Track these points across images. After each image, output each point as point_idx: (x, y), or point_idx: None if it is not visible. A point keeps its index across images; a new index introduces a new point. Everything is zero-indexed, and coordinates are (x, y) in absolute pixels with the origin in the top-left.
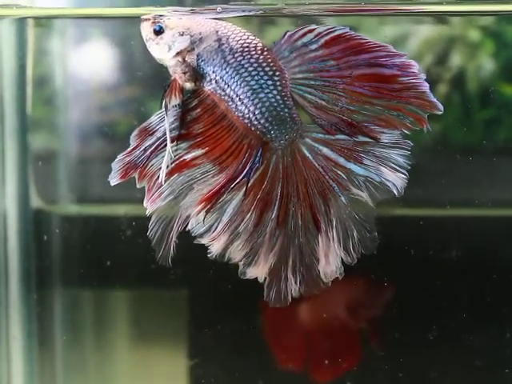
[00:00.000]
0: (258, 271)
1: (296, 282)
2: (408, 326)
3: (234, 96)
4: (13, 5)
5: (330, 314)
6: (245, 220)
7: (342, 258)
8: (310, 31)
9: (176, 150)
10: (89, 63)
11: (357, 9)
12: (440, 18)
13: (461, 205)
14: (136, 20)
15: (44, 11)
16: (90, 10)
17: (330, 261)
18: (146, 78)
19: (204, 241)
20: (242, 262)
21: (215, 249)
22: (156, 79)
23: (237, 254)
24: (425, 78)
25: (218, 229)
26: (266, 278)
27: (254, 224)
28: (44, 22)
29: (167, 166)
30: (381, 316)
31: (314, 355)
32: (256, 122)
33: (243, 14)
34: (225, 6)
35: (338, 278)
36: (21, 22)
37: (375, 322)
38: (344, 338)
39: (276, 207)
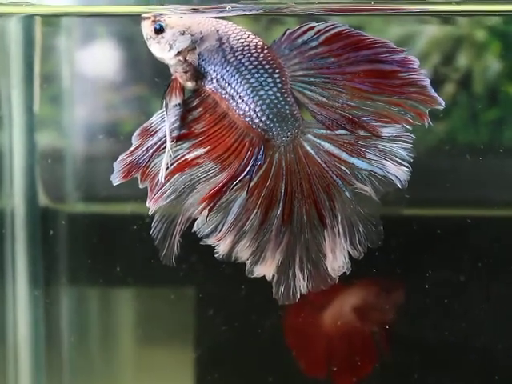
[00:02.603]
0: (266, 269)
1: (304, 279)
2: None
3: (235, 94)
4: (22, 2)
5: (350, 319)
6: (250, 218)
7: (349, 253)
8: (310, 29)
9: (178, 150)
10: (96, 61)
11: (363, 8)
12: (446, 18)
13: (468, 205)
14: (140, 18)
15: (52, 9)
16: (97, 8)
17: (337, 256)
18: (153, 77)
19: (210, 241)
20: (249, 261)
21: (222, 249)
22: (163, 78)
23: (244, 252)
24: (425, 73)
25: (224, 228)
26: (273, 276)
27: (260, 222)
28: (51, 19)
29: (167, 166)
30: (392, 319)
31: (335, 362)
32: (257, 120)
33: (245, 13)
34: (234, 4)
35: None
36: (28, 19)
37: (386, 326)
38: (363, 343)
39: (281, 204)
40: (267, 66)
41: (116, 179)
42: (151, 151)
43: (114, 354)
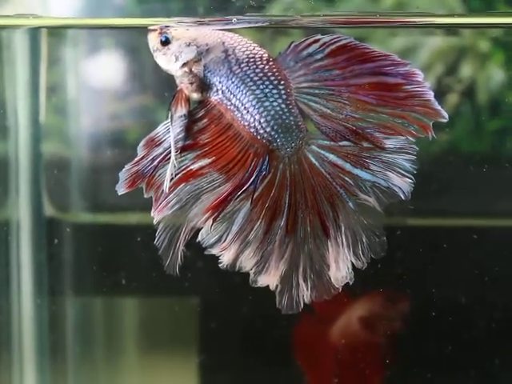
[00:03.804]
0: (270, 279)
1: (307, 289)
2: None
3: (240, 105)
4: (29, 14)
5: (357, 332)
6: (254, 228)
7: (352, 264)
8: (316, 41)
9: (183, 160)
10: (101, 72)
11: (368, 21)
12: (450, 29)
13: (473, 215)
14: (146, 30)
15: (58, 21)
16: (104, 21)
17: (340, 266)
18: (158, 87)
19: (215, 251)
20: (252, 271)
21: (226, 258)
22: (168, 88)
23: (247, 262)
24: (429, 86)
25: (228, 238)
26: (277, 286)
27: (264, 232)
28: (57, 31)
29: (172, 176)
30: (399, 330)
31: (343, 375)
32: (262, 131)
33: (250, 25)
34: (240, 16)
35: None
36: (34, 31)
37: (393, 338)
38: (370, 356)
39: (285, 215)
40: (272, 78)
41: (121, 189)
42: (156, 161)
43: (118, 362)
